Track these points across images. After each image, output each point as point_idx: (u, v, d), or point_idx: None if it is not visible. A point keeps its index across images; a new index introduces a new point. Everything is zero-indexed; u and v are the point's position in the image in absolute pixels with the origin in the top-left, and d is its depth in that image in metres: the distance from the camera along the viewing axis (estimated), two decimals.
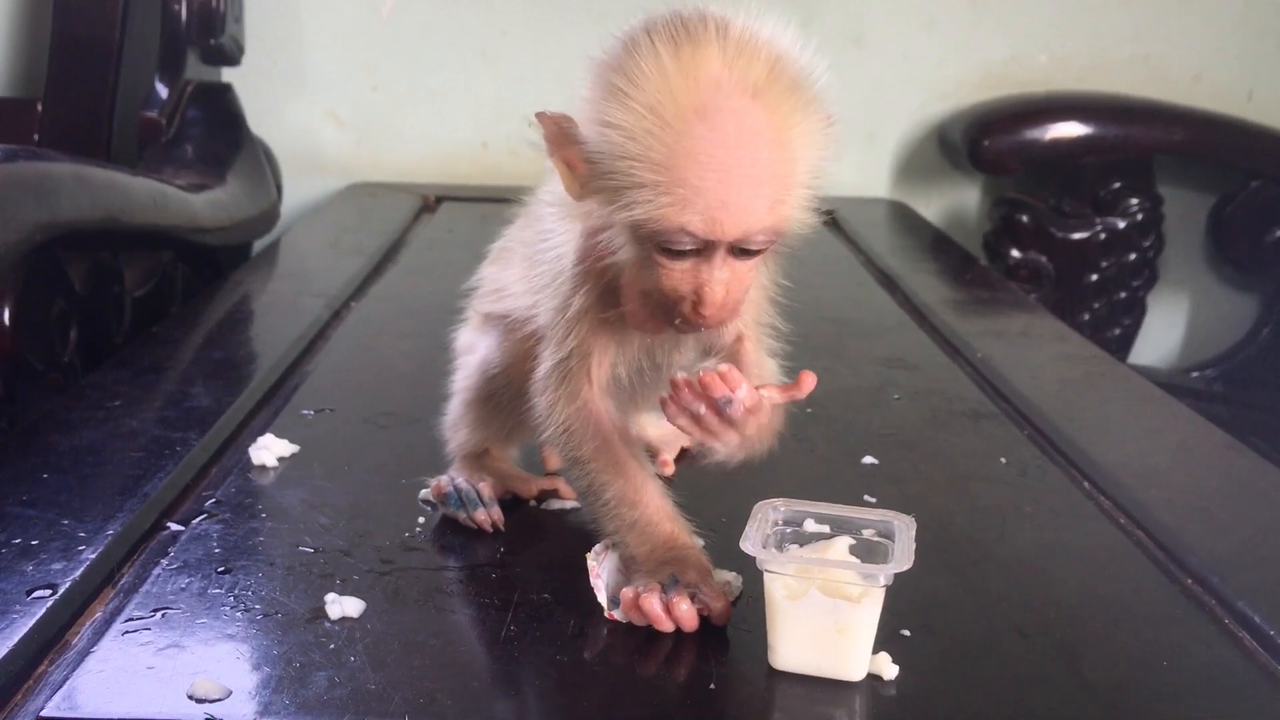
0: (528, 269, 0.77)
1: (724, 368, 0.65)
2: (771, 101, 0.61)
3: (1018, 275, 2.02)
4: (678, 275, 0.64)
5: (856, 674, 0.65)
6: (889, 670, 0.65)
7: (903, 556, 0.65)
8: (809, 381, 0.67)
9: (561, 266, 0.72)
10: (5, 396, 1.13)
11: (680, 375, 0.66)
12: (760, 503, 0.71)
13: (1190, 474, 0.98)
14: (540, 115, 0.65)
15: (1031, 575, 0.79)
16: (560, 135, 0.65)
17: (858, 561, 0.67)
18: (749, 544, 0.66)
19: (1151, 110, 2.06)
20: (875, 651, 0.65)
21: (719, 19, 0.62)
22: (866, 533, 0.70)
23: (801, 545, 0.70)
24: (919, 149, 2.16)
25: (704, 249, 0.63)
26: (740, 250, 0.63)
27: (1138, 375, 1.28)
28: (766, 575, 0.65)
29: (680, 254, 0.63)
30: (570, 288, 0.71)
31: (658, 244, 0.63)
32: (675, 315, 0.66)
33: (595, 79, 0.64)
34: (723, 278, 0.64)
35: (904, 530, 0.68)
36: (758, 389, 0.67)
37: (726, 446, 0.69)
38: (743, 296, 0.66)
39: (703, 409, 0.66)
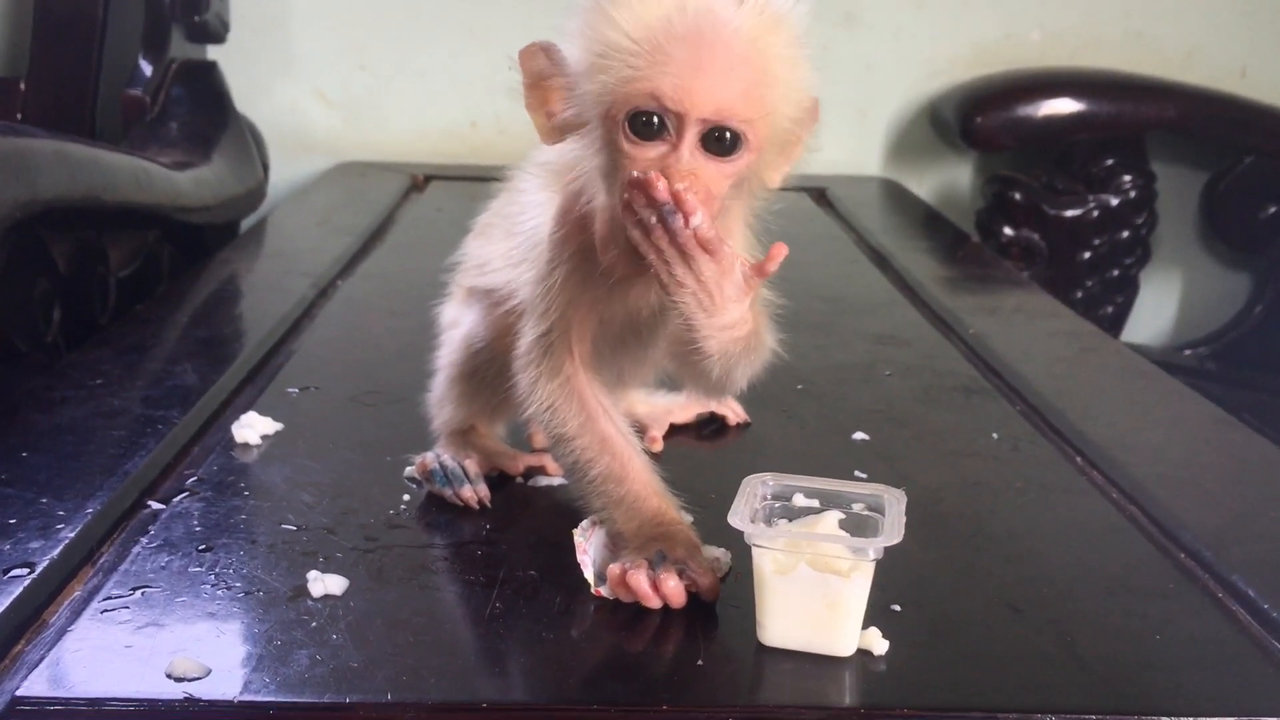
0: (508, 242, 0.77)
1: (681, 185, 0.61)
2: (753, 11, 0.62)
3: (1010, 253, 2.01)
4: (645, 161, 0.62)
5: (846, 649, 0.64)
6: (879, 645, 0.64)
7: (893, 530, 0.64)
8: (780, 251, 0.64)
9: (539, 237, 0.72)
10: None
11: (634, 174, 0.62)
12: (749, 477, 0.70)
13: (1183, 449, 0.98)
14: (523, 50, 0.66)
15: (1023, 550, 0.78)
16: (544, 66, 0.66)
17: (847, 536, 0.66)
18: (737, 518, 0.65)
19: (1144, 87, 2.05)
20: (865, 627, 0.65)
21: None
22: (856, 507, 0.69)
23: (791, 520, 0.69)
24: (911, 126, 2.15)
25: (675, 133, 0.62)
26: (713, 141, 0.62)
27: (1130, 351, 1.27)
28: (755, 550, 0.64)
29: (649, 138, 0.62)
30: (549, 257, 0.71)
31: (627, 126, 0.62)
32: (636, 194, 0.62)
33: (583, 11, 0.64)
34: (691, 164, 0.62)
35: (894, 504, 0.67)
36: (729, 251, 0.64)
37: (683, 297, 0.64)
38: (717, 190, 0.63)
39: (652, 218, 0.62)
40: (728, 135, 0.62)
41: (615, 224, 0.65)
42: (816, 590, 0.63)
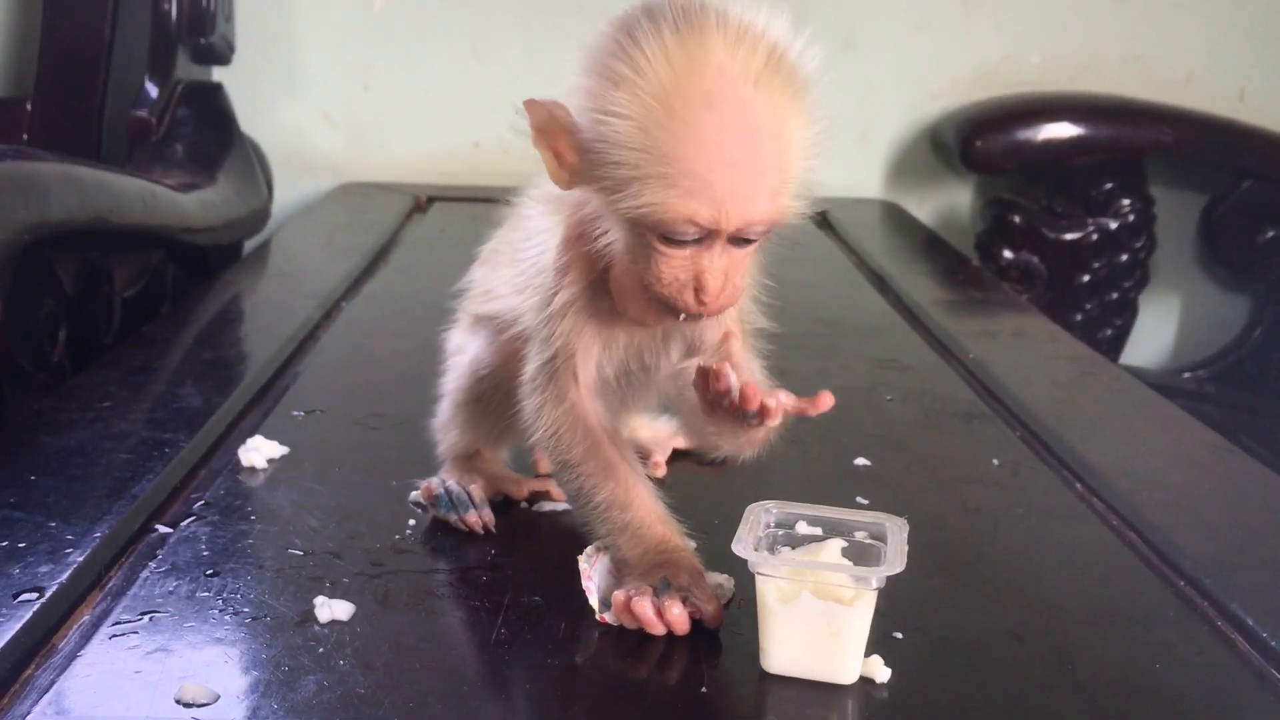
0: (513, 270, 0.77)
1: (748, 386, 0.65)
2: (771, 91, 0.61)
3: (1010, 276, 2.02)
4: (677, 263, 0.64)
5: (849, 677, 0.64)
6: (881, 673, 0.65)
7: (895, 559, 0.65)
8: (825, 401, 0.67)
9: (544, 264, 0.72)
10: None
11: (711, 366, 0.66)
12: (752, 505, 0.70)
13: (1182, 476, 0.98)
14: (529, 102, 0.65)
15: (1024, 577, 0.78)
16: (551, 123, 0.65)
17: (850, 564, 0.67)
18: (741, 546, 0.65)
19: (1143, 111, 2.06)
20: (867, 654, 0.65)
21: (716, 6, 0.63)
22: (859, 535, 0.69)
23: (794, 547, 0.69)
24: (911, 149, 2.16)
25: (704, 237, 0.63)
26: (738, 238, 0.64)
27: (1130, 376, 1.28)
28: (759, 578, 0.65)
29: (680, 243, 0.63)
30: (553, 284, 0.71)
31: (659, 233, 0.63)
32: (672, 304, 0.66)
33: (592, 66, 0.64)
34: (722, 265, 0.64)
35: (896, 532, 0.68)
36: (775, 396, 0.67)
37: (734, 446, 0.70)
38: (741, 284, 0.66)
39: (724, 401, 0.66)
40: (755, 231, 0.64)
41: (639, 287, 0.67)
42: (819, 618, 0.64)
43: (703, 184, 0.61)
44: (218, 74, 1.92)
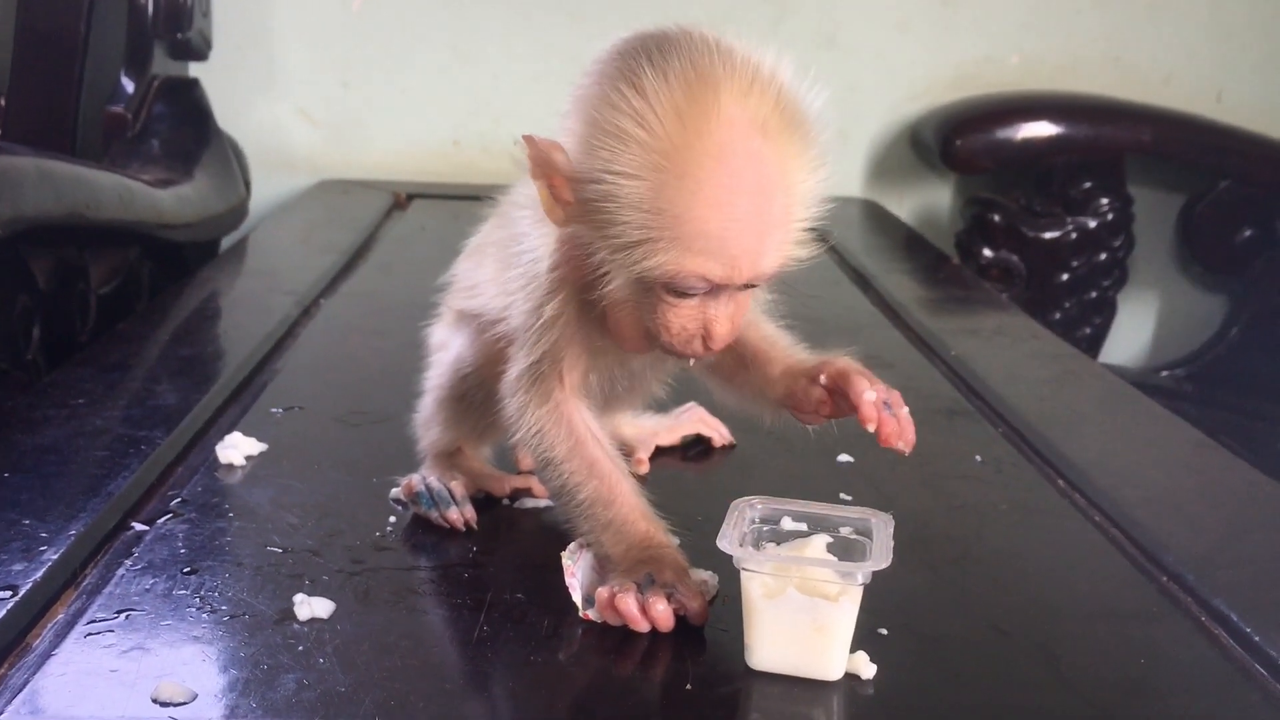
0: (501, 270, 0.76)
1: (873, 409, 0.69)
2: (780, 141, 0.60)
3: (989, 274, 2.03)
4: (685, 313, 0.64)
5: (834, 673, 0.64)
6: (867, 669, 0.65)
7: (881, 555, 0.65)
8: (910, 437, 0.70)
9: (536, 271, 0.71)
10: None
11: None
12: (737, 500, 0.70)
13: (1163, 472, 0.98)
14: (527, 139, 0.63)
15: (1008, 573, 0.78)
16: (548, 165, 0.63)
17: (835, 560, 0.66)
18: (726, 542, 0.65)
19: (1122, 111, 2.07)
20: (853, 650, 0.65)
21: (720, 46, 0.61)
22: (844, 530, 0.69)
23: (779, 543, 0.69)
24: (892, 148, 2.17)
25: (713, 288, 0.63)
26: (745, 284, 0.64)
27: (1110, 373, 1.28)
28: (744, 574, 0.64)
29: (688, 294, 0.63)
30: (544, 293, 0.70)
31: (666, 287, 0.63)
32: (679, 351, 0.66)
33: (591, 114, 0.61)
34: (729, 312, 0.64)
35: (882, 528, 0.67)
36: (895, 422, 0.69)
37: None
38: (740, 323, 0.66)
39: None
40: (763, 279, 0.64)
41: (639, 327, 0.68)
42: (804, 614, 0.63)
43: (715, 243, 0.60)
44: (195, 70, 1.91)
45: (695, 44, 0.61)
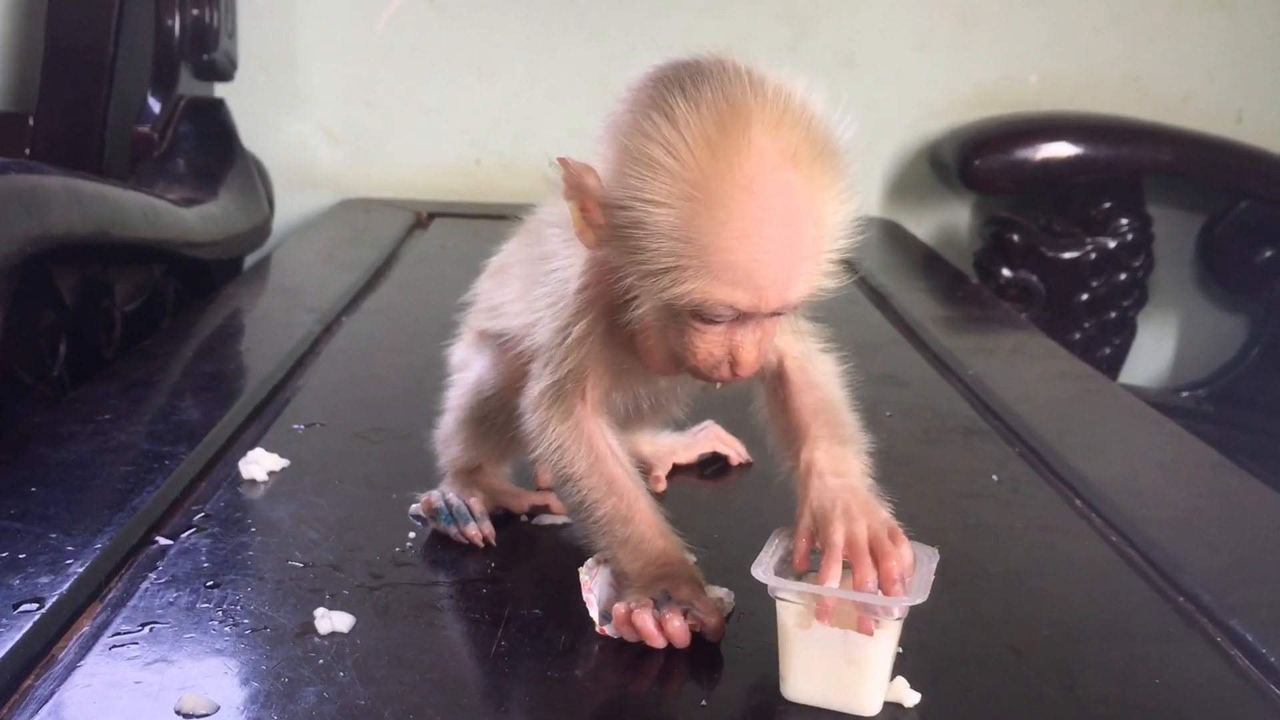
0: (527, 288, 0.76)
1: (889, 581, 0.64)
2: (810, 171, 0.60)
3: (1008, 294, 2.03)
4: (712, 339, 0.64)
5: (869, 708, 0.63)
6: (909, 697, 0.64)
7: (919, 589, 0.63)
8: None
9: (565, 289, 0.71)
10: None
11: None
12: (777, 529, 0.69)
13: (1182, 492, 0.98)
14: (562, 161, 0.63)
15: (1024, 593, 0.78)
16: (580, 186, 0.63)
17: (873, 593, 0.64)
18: (760, 569, 0.64)
19: (1141, 131, 2.07)
20: (892, 678, 0.64)
21: (751, 75, 0.61)
22: None
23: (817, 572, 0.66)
24: (910, 168, 2.17)
25: (740, 316, 0.63)
26: (774, 312, 0.63)
27: (1128, 394, 1.28)
28: (778, 603, 0.63)
29: (716, 321, 0.63)
30: (573, 312, 0.70)
31: (694, 314, 0.63)
32: (706, 376, 0.66)
33: (624, 141, 0.61)
34: (755, 339, 0.64)
35: (925, 562, 0.66)
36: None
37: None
38: (768, 348, 0.66)
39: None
40: (791, 308, 0.64)
41: (667, 351, 0.68)
42: (837, 646, 0.62)
43: (744, 274, 0.60)
44: (220, 90, 1.93)
45: (728, 73, 0.61)
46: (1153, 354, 2.23)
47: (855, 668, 0.62)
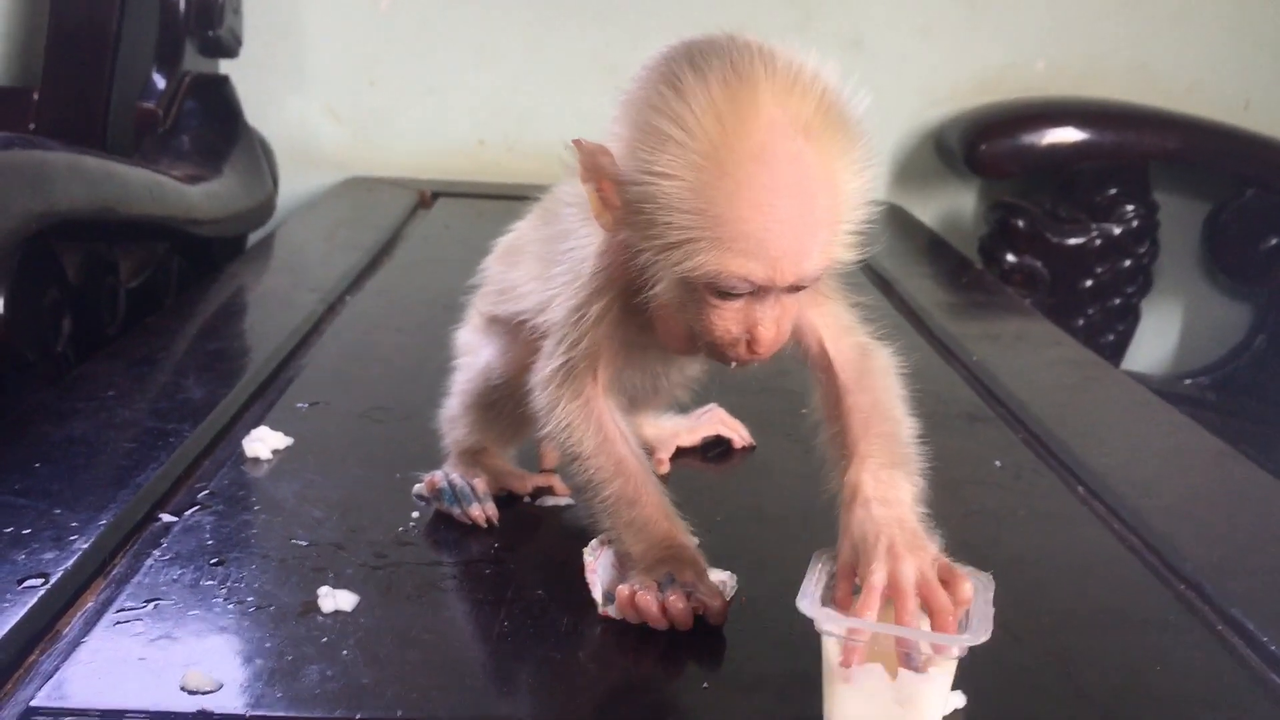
0: (543, 267, 0.75)
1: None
2: (822, 141, 0.59)
3: (1013, 280, 2.02)
4: (730, 315, 0.63)
5: None
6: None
7: (980, 625, 0.58)
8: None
9: (581, 269, 0.70)
10: None
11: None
12: (818, 552, 0.65)
13: (1184, 480, 0.98)
14: (576, 143, 0.63)
15: (1025, 579, 0.79)
16: (596, 169, 0.63)
17: (926, 629, 0.59)
18: (806, 601, 0.59)
19: (1148, 117, 2.07)
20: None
21: (762, 50, 0.61)
22: None
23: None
24: (916, 153, 2.16)
25: (757, 290, 0.62)
26: (791, 287, 0.62)
27: (1132, 381, 1.28)
28: (824, 637, 0.58)
29: (733, 295, 0.62)
30: (589, 292, 0.70)
31: (710, 289, 0.62)
32: (724, 354, 0.65)
33: (635, 118, 0.61)
34: (775, 315, 0.63)
35: (980, 591, 0.61)
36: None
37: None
38: (789, 328, 0.65)
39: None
40: (808, 281, 0.62)
41: (684, 329, 0.67)
42: (887, 686, 0.57)
43: (757, 244, 0.59)
44: (225, 67, 1.92)
45: (737, 47, 0.61)
46: (1156, 341, 2.23)
47: (906, 708, 0.57)
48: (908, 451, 0.69)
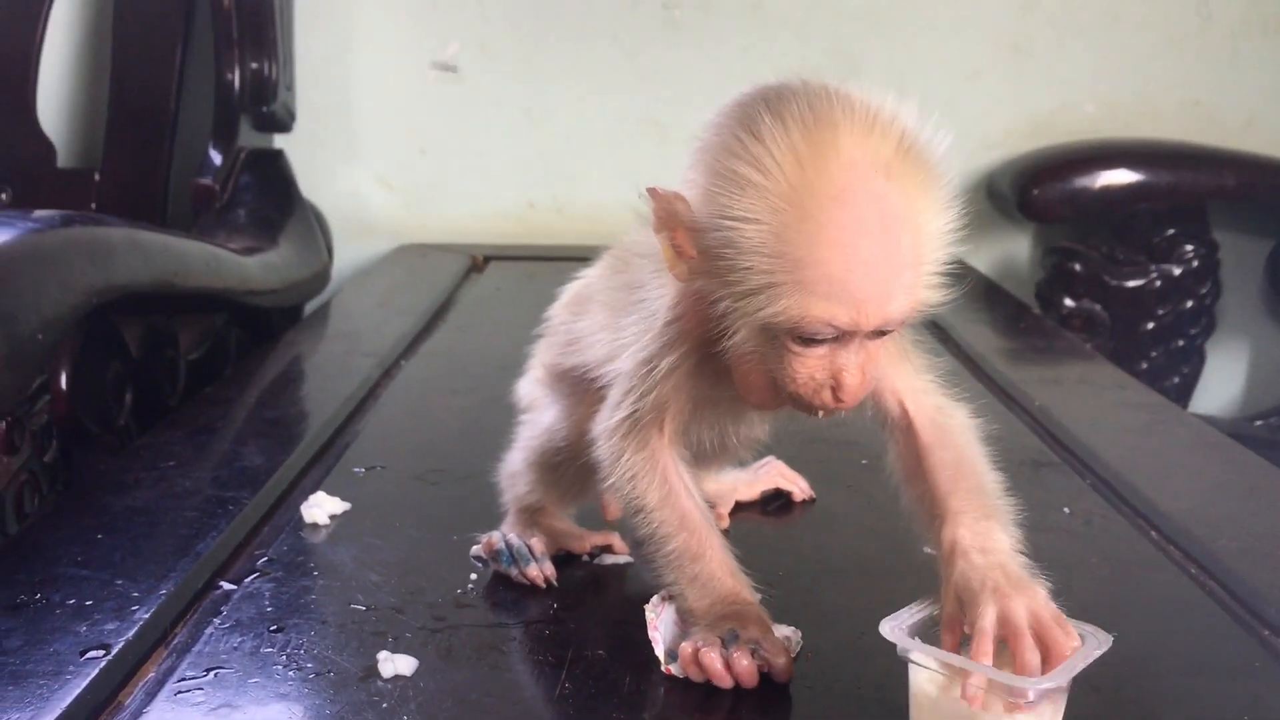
0: (612, 317, 0.74)
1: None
2: (904, 181, 0.59)
3: (1072, 324, 1.99)
4: (813, 363, 0.61)
5: None
6: None
7: (1061, 671, 0.58)
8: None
9: (654, 322, 0.69)
10: (60, 458, 1.14)
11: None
12: (921, 598, 0.64)
13: (1262, 522, 0.95)
14: (652, 191, 0.62)
15: (1102, 628, 0.76)
16: (671, 217, 0.62)
17: (1008, 673, 0.59)
18: (889, 626, 0.59)
19: (1203, 156, 2.04)
20: None
21: (838, 91, 0.60)
22: None
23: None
24: (968, 199, 2.13)
25: (840, 335, 0.60)
26: (875, 331, 0.61)
27: (1201, 422, 1.25)
28: (910, 665, 0.60)
29: (816, 342, 0.61)
30: (661, 344, 0.68)
31: (793, 335, 0.60)
32: (808, 403, 0.63)
33: (712, 163, 0.61)
34: (859, 361, 0.61)
35: (1090, 644, 0.61)
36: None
37: None
38: (875, 374, 0.63)
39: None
40: (893, 325, 0.61)
41: (766, 380, 0.65)
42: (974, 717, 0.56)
43: (840, 287, 0.58)
44: (279, 141, 1.96)
45: (812, 90, 0.60)
46: (1223, 382, 2.18)
47: None
48: (998, 504, 0.68)
